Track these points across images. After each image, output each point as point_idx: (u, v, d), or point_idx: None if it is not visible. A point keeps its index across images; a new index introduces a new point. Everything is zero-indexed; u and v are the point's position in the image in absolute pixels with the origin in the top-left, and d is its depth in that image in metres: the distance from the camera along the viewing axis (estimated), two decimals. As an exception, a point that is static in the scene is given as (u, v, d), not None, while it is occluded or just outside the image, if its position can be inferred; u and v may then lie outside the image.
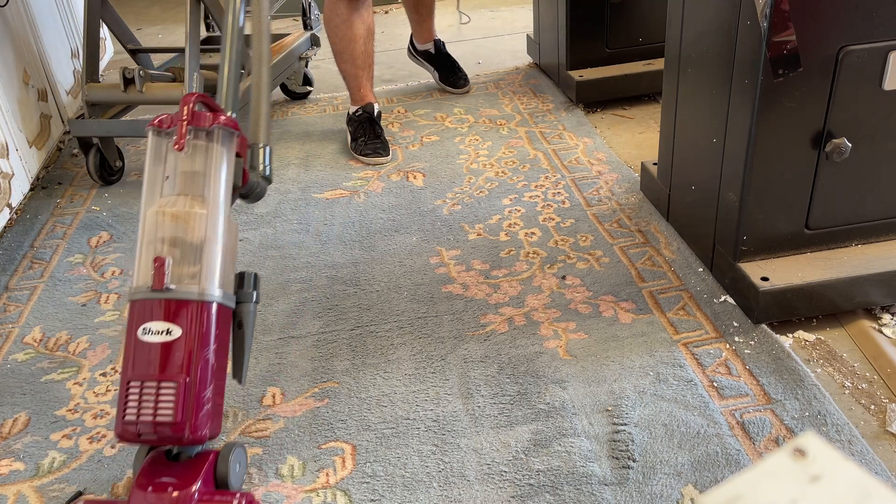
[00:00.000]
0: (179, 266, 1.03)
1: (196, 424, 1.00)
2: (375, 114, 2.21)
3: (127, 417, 0.99)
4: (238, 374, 1.10)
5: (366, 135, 2.15)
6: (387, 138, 2.18)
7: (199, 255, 1.04)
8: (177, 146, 1.05)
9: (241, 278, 1.11)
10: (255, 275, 1.12)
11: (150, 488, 1.00)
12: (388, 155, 2.13)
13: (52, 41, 2.38)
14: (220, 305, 1.04)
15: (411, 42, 2.63)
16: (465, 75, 2.57)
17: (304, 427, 1.23)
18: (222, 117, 1.09)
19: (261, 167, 1.20)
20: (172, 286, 1.01)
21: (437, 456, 1.15)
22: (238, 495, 1.01)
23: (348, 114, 2.26)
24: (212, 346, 1.03)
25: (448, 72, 2.55)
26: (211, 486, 1.03)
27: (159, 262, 1.01)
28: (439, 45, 2.56)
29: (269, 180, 1.22)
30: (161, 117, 1.08)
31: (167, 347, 1.00)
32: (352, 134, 2.20)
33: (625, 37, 2.31)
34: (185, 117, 1.06)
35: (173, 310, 1.01)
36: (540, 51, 2.64)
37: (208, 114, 1.09)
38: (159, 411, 0.98)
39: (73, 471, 1.18)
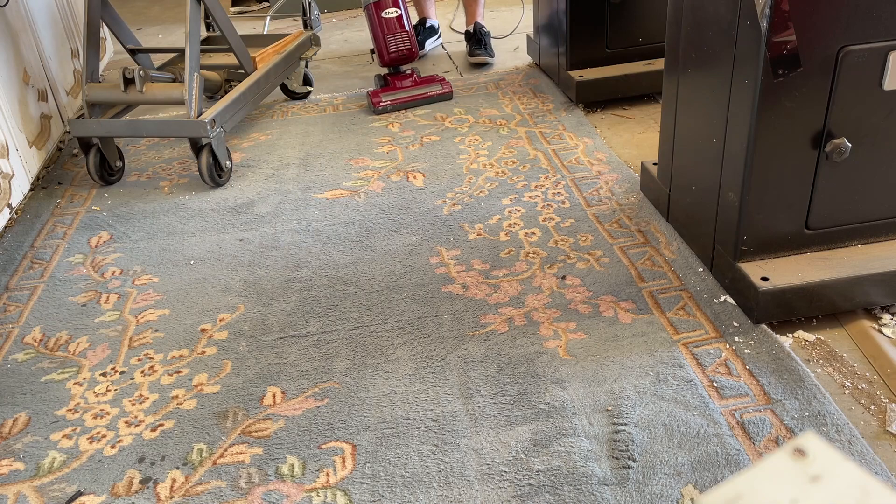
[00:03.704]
0: None
1: (416, 47, 2.50)
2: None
3: (390, 50, 2.45)
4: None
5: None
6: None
7: None
8: None
9: None
10: None
11: (399, 77, 2.49)
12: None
13: (52, 41, 2.38)
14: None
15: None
16: (489, 51, 2.83)
17: (304, 427, 1.23)
18: None
19: None
20: None
21: (437, 456, 1.15)
22: (436, 74, 2.58)
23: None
24: (407, 14, 2.48)
25: (473, 45, 2.86)
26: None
27: None
28: (477, 27, 2.90)
29: None
30: None
31: (398, 19, 2.44)
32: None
33: (625, 37, 2.31)
34: None
35: (394, 2, 2.44)
36: (540, 51, 2.64)
37: None
38: (405, 43, 2.47)
39: (73, 471, 1.18)
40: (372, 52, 2.50)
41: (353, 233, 1.78)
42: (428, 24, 3.10)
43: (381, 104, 2.43)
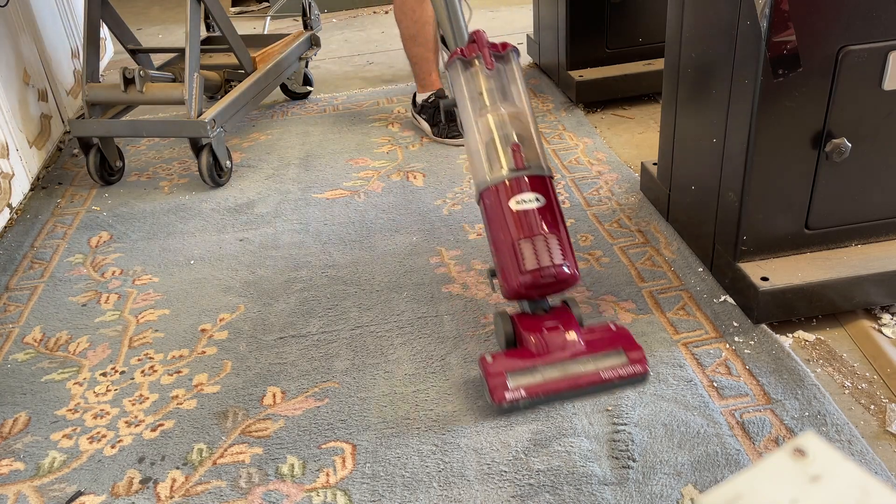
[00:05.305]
0: (524, 150, 1.26)
1: (575, 266, 1.23)
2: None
3: (524, 269, 1.19)
4: None
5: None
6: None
7: (532, 142, 1.29)
8: (489, 67, 1.34)
9: None
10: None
11: (542, 331, 1.21)
12: None
13: (52, 41, 2.38)
14: (551, 178, 1.28)
15: (413, 101, 2.35)
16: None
17: (304, 427, 1.23)
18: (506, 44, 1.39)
19: None
20: (529, 165, 1.25)
21: (437, 456, 1.15)
22: (610, 322, 1.30)
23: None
24: (557, 205, 1.27)
25: (448, 121, 2.19)
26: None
27: (516, 147, 1.26)
28: (439, 95, 2.27)
29: None
30: (461, 50, 1.38)
31: (542, 211, 1.22)
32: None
33: (625, 37, 2.31)
34: (486, 46, 1.37)
35: (535, 183, 1.24)
36: (540, 51, 2.64)
37: (497, 42, 1.38)
38: (552, 258, 1.19)
39: (73, 471, 1.18)
40: (492, 274, 1.29)
41: (353, 233, 1.78)
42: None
43: (510, 397, 1.17)
